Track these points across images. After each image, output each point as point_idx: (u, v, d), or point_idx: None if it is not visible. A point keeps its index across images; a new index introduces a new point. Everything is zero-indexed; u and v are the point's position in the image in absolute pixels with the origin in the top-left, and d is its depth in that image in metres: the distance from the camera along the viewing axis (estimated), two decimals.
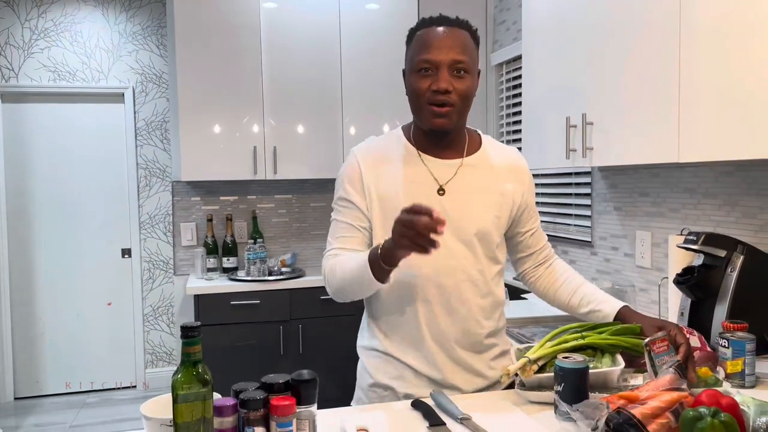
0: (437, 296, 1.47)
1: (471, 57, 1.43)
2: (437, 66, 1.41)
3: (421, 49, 1.43)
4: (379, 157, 1.51)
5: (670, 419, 1.17)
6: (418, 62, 1.43)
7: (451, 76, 1.41)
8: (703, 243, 1.79)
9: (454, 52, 1.40)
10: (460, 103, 1.43)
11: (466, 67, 1.42)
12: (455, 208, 1.47)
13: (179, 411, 1.01)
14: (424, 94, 1.42)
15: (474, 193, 1.50)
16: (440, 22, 1.45)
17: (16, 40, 4.13)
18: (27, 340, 4.29)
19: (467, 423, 1.24)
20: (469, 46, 1.44)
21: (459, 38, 1.42)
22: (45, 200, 4.28)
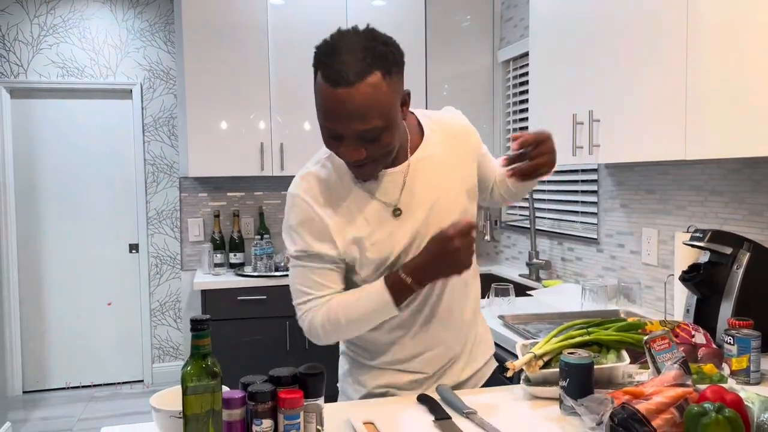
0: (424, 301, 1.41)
1: (382, 113, 1.21)
2: (342, 137, 1.24)
3: (322, 112, 1.25)
4: (327, 196, 1.36)
5: (675, 415, 1.17)
6: (324, 126, 1.27)
7: (361, 143, 1.23)
8: (709, 240, 1.80)
9: (359, 123, 1.20)
10: (381, 158, 1.28)
11: (375, 132, 1.22)
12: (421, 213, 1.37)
13: (188, 403, 1.02)
14: (338, 155, 1.30)
15: (434, 191, 1.39)
16: (340, 80, 1.18)
17: (24, 36, 4.16)
18: (35, 335, 4.32)
19: (473, 417, 1.25)
20: (378, 100, 1.20)
21: (364, 100, 1.18)
22: (53, 195, 4.31)
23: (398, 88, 1.26)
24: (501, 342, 2.11)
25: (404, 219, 1.36)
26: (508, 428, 1.20)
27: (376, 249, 1.35)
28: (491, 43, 3.98)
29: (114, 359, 4.44)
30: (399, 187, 1.37)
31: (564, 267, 3.16)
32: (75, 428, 3.75)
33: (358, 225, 1.34)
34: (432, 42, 3.91)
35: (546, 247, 3.34)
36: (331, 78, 1.19)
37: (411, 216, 1.37)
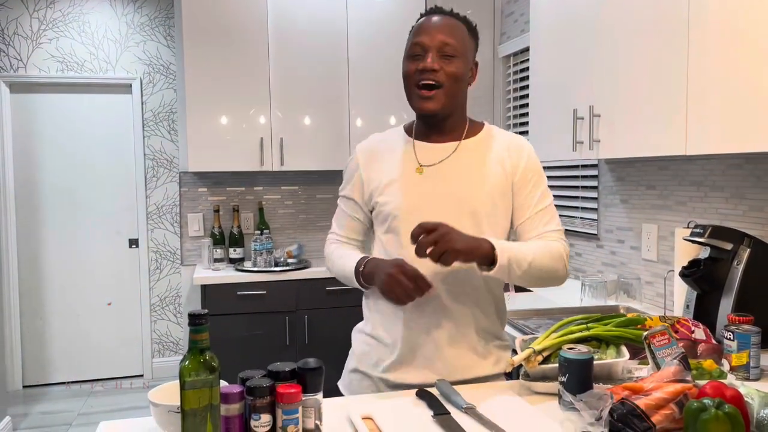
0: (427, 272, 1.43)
1: (461, 42, 1.46)
2: (426, 48, 1.44)
3: (413, 36, 1.48)
4: (376, 150, 1.57)
5: (674, 410, 1.17)
6: (409, 47, 1.48)
7: (439, 58, 1.43)
8: (709, 236, 1.79)
9: (442, 35, 1.44)
10: (448, 84, 1.44)
11: (453, 51, 1.44)
12: (444, 187, 1.48)
13: (186, 397, 1.02)
14: (413, 76, 1.46)
15: (468, 172, 1.49)
16: (435, 12, 1.50)
17: (24, 30, 4.15)
18: (35, 329, 4.32)
19: (471, 412, 1.25)
20: (460, 32, 1.47)
21: (449, 24, 1.46)
22: (53, 190, 4.30)
23: (473, 48, 1.52)
24: None
25: (424, 179, 1.49)
26: (506, 423, 1.20)
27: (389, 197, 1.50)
28: (492, 37, 3.97)
29: (114, 354, 4.44)
30: (442, 156, 1.51)
31: None
32: (75, 423, 3.75)
33: (387, 172, 1.52)
34: None
35: None
36: (429, 12, 1.50)
37: (431, 182, 1.49)
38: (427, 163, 1.51)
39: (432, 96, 1.44)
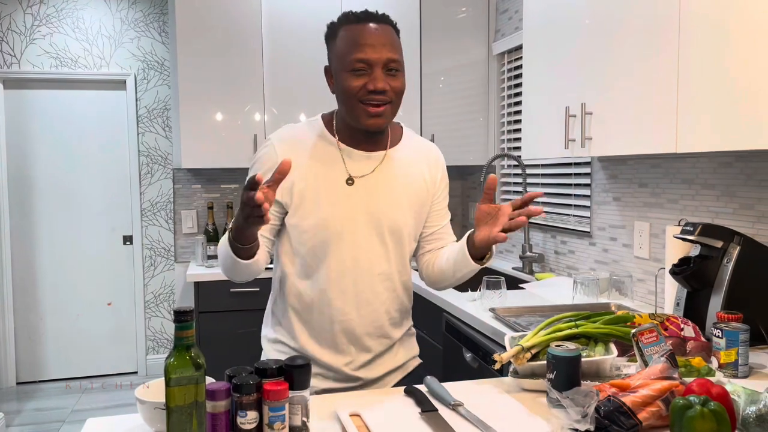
0: (350, 288, 1.49)
1: (401, 55, 1.43)
2: (372, 65, 1.38)
3: (352, 47, 1.39)
4: (296, 147, 1.48)
5: (661, 407, 1.18)
6: (351, 61, 1.39)
7: (385, 75, 1.39)
8: (699, 234, 1.80)
9: (388, 51, 1.39)
10: (395, 101, 1.43)
11: (399, 66, 1.41)
12: (370, 201, 1.48)
13: (172, 395, 1.02)
14: (358, 93, 1.39)
15: (394, 187, 1.50)
16: (366, 17, 1.42)
17: (18, 26, 4.13)
18: (29, 326, 4.32)
19: (459, 409, 1.25)
20: (398, 43, 1.44)
21: (389, 35, 1.41)
22: (47, 186, 4.29)
23: None
24: (491, 334, 2.11)
25: (353, 192, 1.47)
26: (493, 420, 1.20)
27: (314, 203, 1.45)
28: (486, 35, 3.97)
29: (108, 351, 4.44)
30: (371, 167, 1.49)
31: (557, 260, 3.16)
32: (68, 419, 3.75)
33: (313, 178, 1.45)
34: (427, 34, 3.89)
35: (539, 240, 3.34)
36: (362, 17, 1.41)
37: (360, 195, 1.48)
38: (357, 175, 1.48)
39: (381, 113, 1.41)
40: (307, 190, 1.46)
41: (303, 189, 1.46)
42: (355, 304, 1.50)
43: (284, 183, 1.43)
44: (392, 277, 1.53)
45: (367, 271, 1.49)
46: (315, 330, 1.53)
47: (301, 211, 1.47)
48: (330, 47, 1.47)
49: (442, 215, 1.63)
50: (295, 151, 1.47)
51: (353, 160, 1.49)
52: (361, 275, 1.49)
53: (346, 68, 1.40)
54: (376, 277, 1.50)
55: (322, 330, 1.52)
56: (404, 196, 1.51)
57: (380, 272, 1.51)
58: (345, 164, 1.48)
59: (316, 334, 1.53)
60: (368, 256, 1.48)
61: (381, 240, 1.50)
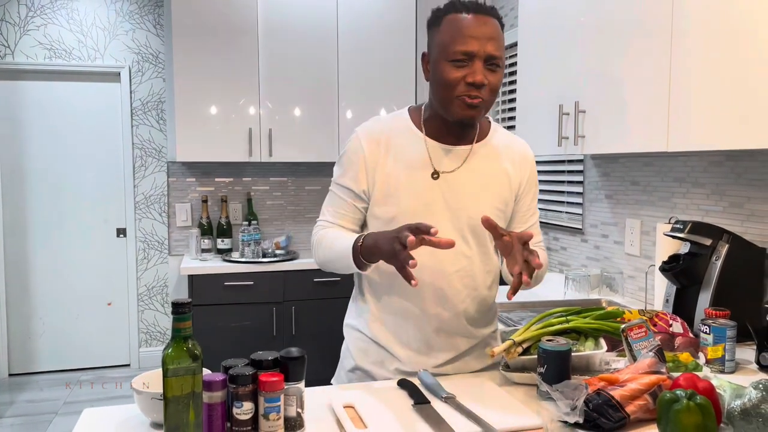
0: (428, 284, 1.46)
1: (502, 50, 1.39)
2: (473, 58, 1.36)
3: (455, 37, 1.36)
4: (383, 140, 1.48)
5: (648, 401, 1.20)
6: (453, 52, 1.36)
7: (485, 70, 1.37)
8: (689, 231, 1.82)
9: (491, 46, 1.36)
10: (490, 97, 1.40)
11: (499, 62, 1.38)
12: (452, 197, 1.45)
13: (169, 385, 1.04)
14: (457, 86, 1.37)
15: (478, 183, 1.47)
16: (474, 8, 1.38)
17: (12, 17, 4.11)
18: (21, 318, 4.31)
19: (451, 401, 1.27)
20: (502, 38, 1.40)
21: (494, 30, 1.37)
22: (40, 178, 4.28)
23: None
24: None
25: (437, 187, 1.45)
26: (484, 412, 1.22)
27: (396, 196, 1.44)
28: None
29: (101, 343, 4.44)
30: (458, 162, 1.47)
31: (550, 256, 3.19)
32: (60, 411, 3.76)
33: (398, 170, 1.45)
34: (423, 31, 3.90)
35: None
36: (471, 8, 1.38)
37: (443, 189, 1.45)
38: (442, 170, 1.46)
39: (477, 104, 1.38)
40: (390, 182, 1.45)
41: (386, 181, 1.45)
42: (431, 299, 1.47)
43: (368, 174, 1.46)
44: (474, 275, 1.49)
45: (442, 267, 1.46)
46: (389, 323, 1.50)
47: (383, 203, 1.46)
48: (431, 34, 1.44)
49: (527, 217, 1.56)
50: (382, 145, 1.47)
51: (439, 154, 1.47)
52: (438, 271, 1.45)
53: (447, 58, 1.37)
54: (454, 274, 1.46)
55: (396, 325, 1.49)
56: (487, 193, 1.48)
57: (458, 269, 1.46)
58: (431, 158, 1.46)
59: (390, 328, 1.50)
60: (446, 253, 1.42)
61: (462, 237, 1.46)
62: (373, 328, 1.53)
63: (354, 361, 1.56)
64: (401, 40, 3.87)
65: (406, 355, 1.50)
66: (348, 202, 1.49)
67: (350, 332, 1.59)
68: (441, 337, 1.50)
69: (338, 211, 1.51)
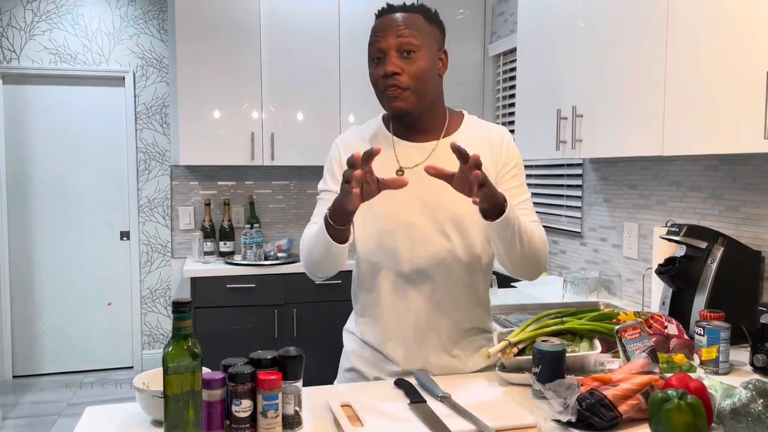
0: (409, 280, 1.47)
1: (420, 37, 1.41)
2: (385, 52, 1.41)
3: (371, 40, 1.45)
4: (356, 144, 1.53)
5: (641, 401, 1.22)
6: (370, 53, 1.45)
7: (400, 60, 1.40)
8: (684, 234, 1.84)
9: (398, 35, 1.40)
10: (414, 84, 1.41)
11: (412, 48, 1.40)
12: (424, 191, 1.45)
13: (169, 383, 1.06)
14: (378, 83, 1.44)
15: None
16: (388, 10, 1.45)
17: (18, 21, 4.16)
18: (26, 320, 4.34)
19: (446, 401, 1.29)
20: (418, 25, 1.42)
21: (404, 20, 1.42)
22: (45, 182, 4.32)
23: (437, 36, 1.47)
24: None
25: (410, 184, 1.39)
26: (480, 411, 1.24)
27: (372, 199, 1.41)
28: (482, 37, 4.01)
29: (104, 345, 4.47)
30: (422, 157, 1.48)
31: (549, 259, 3.21)
32: (64, 413, 3.78)
33: None
34: None
35: None
36: (383, 10, 1.46)
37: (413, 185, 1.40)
38: (407, 165, 1.47)
39: (399, 95, 1.41)
40: None
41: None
42: (413, 297, 1.47)
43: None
44: (457, 269, 1.48)
45: (423, 262, 1.46)
46: (376, 322, 1.52)
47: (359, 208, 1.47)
48: None
49: (510, 196, 1.43)
50: (354, 148, 1.48)
51: (404, 151, 1.49)
52: (418, 267, 1.46)
53: (370, 60, 1.46)
54: (434, 268, 1.46)
55: (382, 323, 1.51)
56: None
57: (439, 262, 1.46)
58: (397, 156, 1.49)
59: (377, 326, 1.52)
60: (425, 247, 1.45)
61: (442, 232, 1.45)
62: (363, 328, 1.55)
63: (350, 362, 1.58)
64: None
65: (396, 354, 1.50)
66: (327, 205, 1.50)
67: (347, 335, 1.63)
68: (427, 334, 1.49)
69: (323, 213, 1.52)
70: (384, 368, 1.53)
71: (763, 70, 1.46)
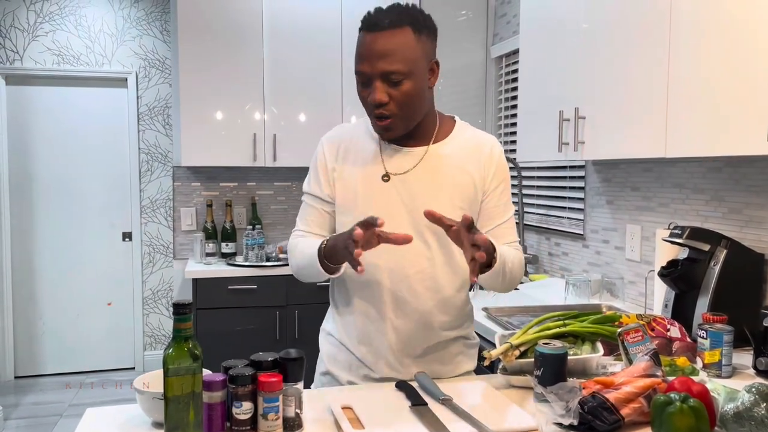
0: (387, 288, 1.45)
1: (407, 60, 1.35)
2: (370, 78, 1.37)
3: (356, 57, 1.40)
4: (343, 145, 1.52)
5: (643, 404, 1.21)
6: (355, 73, 1.41)
7: (387, 86, 1.36)
8: (687, 237, 1.84)
9: (384, 63, 1.34)
10: (400, 111, 1.38)
11: (399, 76, 1.35)
12: (408, 198, 1.44)
13: (170, 385, 1.06)
14: (366, 105, 1.42)
15: (436, 183, 1.44)
16: (374, 26, 1.36)
17: (21, 22, 4.16)
18: (27, 320, 4.35)
19: (448, 404, 1.29)
20: (405, 47, 1.35)
21: (391, 44, 1.34)
22: (47, 182, 4.32)
23: (426, 49, 1.41)
24: (483, 333, 2.15)
25: (389, 189, 1.45)
26: (481, 414, 1.24)
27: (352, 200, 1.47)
28: (485, 38, 4.01)
29: (106, 346, 4.47)
30: (412, 163, 1.46)
31: (551, 262, 3.20)
32: (65, 414, 3.78)
33: (353, 175, 1.47)
34: None
35: (534, 241, 3.38)
36: (367, 24, 1.38)
37: (398, 191, 1.45)
38: (394, 172, 1.46)
39: (388, 125, 1.40)
40: (346, 186, 1.48)
41: (344, 187, 1.48)
42: (390, 303, 1.45)
43: (329, 178, 1.50)
44: (435, 277, 1.45)
45: (401, 269, 1.44)
46: (354, 327, 1.50)
47: (344, 210, 1.48)
48: None
49: (496, 214, 1.49)
50: (339, 149, 1.51)
51: (392, 156, 1.47)
52: (398, 274, 1.44)
53: (357, 81, 1.43)
54: (414, 276, 1.44)
55: (360, 329, 1.49)
56: (448, 193, 1.44)
57: (418, 271, 1.44)
58: (383, 160, 1.47)
59: (355, 332, 1.50)
60: (404, 254, 1.41)
61: (422, 239, 1.43)
62: (341, 332, 1.54)
63: (325, 365, 1.57)
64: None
65: (373, 359, 1.48)
66: (317, 209, 1.53)
67: (323, 336, 1.61)
68: (406, 341, 1.47)
69: (308, 218, 1.54)
70: (358, 372, 1.51)
71: (766, 72, 1.46)
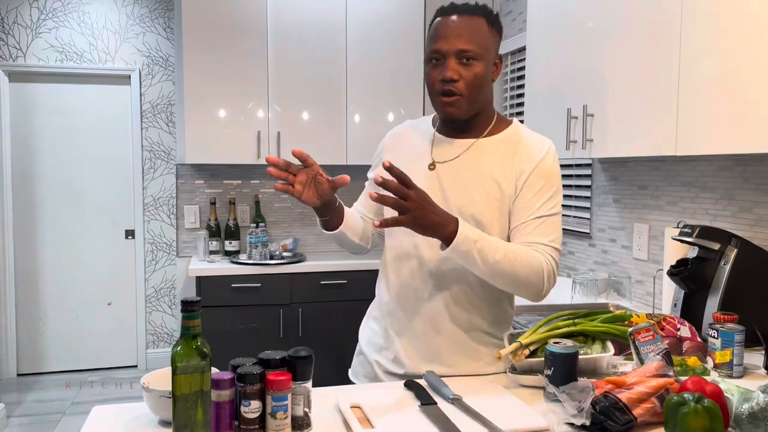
0: (427, 276, 1.48)
1: (480, 44, 1.41)
2: (444, 56, 1.42)
3: (431, 40, 1.46)
4: (401, 138, 1.61)
5: (656, 404, 1.20)
6: (428, 53, 1.46)
7: (459, 65, 1.42)
8: (697, 236, 1.82)
9: (460, 41, 1.41)
10: (468, 92, 1.43)
11: (472, 55, 1.41)
12: (451, 187, 1.48)
13: (178, 383, 1.04)
14: (434, 84, 1.45)
15: (476, 175, 1.46)
16: (452, 10, 1.44)
17: (24, 19, 4.15)
18: (30, 318, 4.34)
19: (458, 403, 1.28)
20: (479, 32, 1.42)
21: (468, 26, 1.42)
22: (50, 180, 4.31)
23: (495, 43, 1.48)
24: None
25: (433, 176, 1.50)
26: (491, 414, 1.22)
27: None
28: None
29: (108, 344, 4.46)
30: (454, 156, 1.50)
31: None
32: (68, 411, 3.77)
33: (401, 163, 1.47)
34: None
35: None
36: (446, 10, 1.45)
37: (440, 180, 1.49)
38: (440, 160, 1.50)
39: (453, 102, 1.43)
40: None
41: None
42: (410, 292, 1.50)
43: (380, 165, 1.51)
44: (463, 269, 1.44)
45: (426, 258, 1.47)
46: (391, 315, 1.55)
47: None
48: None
49: (522, 210, 1.45)
50: (397, 141, 1.61)
51: (440, 146, 1.53)
52: (420, 261, 1.48)
53: (427, 60, 1.48)
54: (438, 263, 1.46)
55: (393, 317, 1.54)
56: (482, 185, 1.45)
57: (444, 259, 1.44)
58: (432, 150, 1.53)
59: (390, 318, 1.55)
60: (430, 243, 1.44)
61: None
62: (376, 315, 1.61)
63: (360, 346, 1.65)
64: (410, 43, 3.88)
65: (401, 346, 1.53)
66: (367, 190, 1.65)
67: (365, 320, 1.69)
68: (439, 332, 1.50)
69: (363, 199, 1.68)
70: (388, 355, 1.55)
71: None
